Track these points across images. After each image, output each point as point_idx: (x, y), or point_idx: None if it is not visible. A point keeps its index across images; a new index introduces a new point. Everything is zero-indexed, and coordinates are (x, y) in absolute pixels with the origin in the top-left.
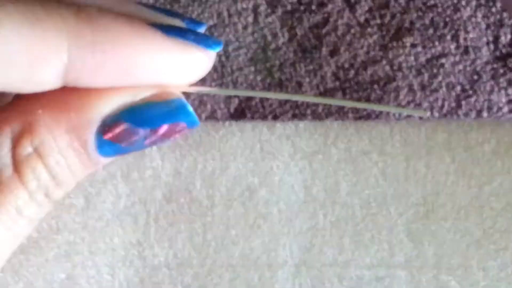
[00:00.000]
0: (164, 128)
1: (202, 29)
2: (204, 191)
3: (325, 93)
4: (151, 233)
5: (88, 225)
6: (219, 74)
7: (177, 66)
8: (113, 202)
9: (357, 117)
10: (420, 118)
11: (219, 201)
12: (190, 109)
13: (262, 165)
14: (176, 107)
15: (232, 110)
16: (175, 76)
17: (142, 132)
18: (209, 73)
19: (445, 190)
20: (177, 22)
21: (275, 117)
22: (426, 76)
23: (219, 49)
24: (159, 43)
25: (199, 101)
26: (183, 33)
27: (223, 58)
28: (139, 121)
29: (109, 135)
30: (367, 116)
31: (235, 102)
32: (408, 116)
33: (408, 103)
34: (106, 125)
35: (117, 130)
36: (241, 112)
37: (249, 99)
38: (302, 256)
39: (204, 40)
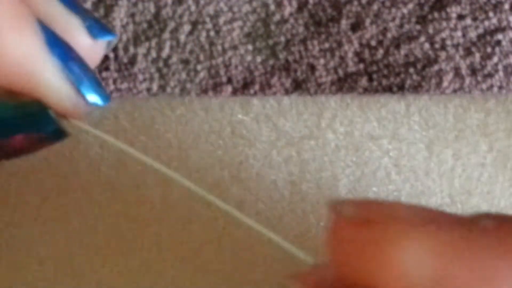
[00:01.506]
0: (18, 138)
1: (108, 39)
2: (158, 188)
3: (346, 78)
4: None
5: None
6: (207, 54)
7: (41, 87)
8: (38, 204)
9: (365, 89)
10: None
11: (177, 202)
12: (53, 116)
13: (234, 154)
14: (34, 113)
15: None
16: (36, 92)
17: None
18: (194, 53)
19: (480, 187)
20: (75, 22)
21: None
22: (477, 56)
23: (102, 104)
24: (30, 46)
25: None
26: (68, 58)
27: (212, 34)
28: None
29: None
30: (384, 88)
31: (220, 74)
32: (438, 86)
33: (454, 91)
34: None
35: None
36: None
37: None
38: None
39: (93, 88)
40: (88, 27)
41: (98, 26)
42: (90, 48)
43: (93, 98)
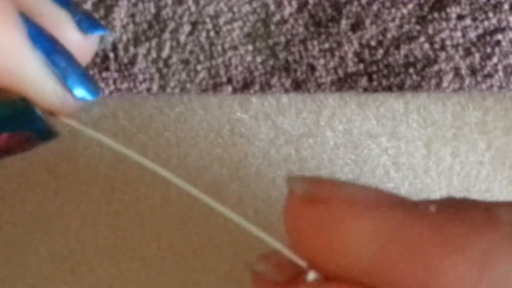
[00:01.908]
0: (3, 138)
1: (99, 34)
2: (156, 187)
3: (346, 78)
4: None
5: None
6: (207, 54)
7: (25, 81)
8: (37, 203)
9: (365, 89)
10: None
11: (176, 200)
12: (40, 113)
13: (233, 152)
14: (19, 111)
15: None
16: (21, 87)
17: None
18: (195, 53)
19: (478, 185)
20: (63, 17)
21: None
22: (477, 56)
23: (91, 98)
24: (11, 39)
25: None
26: (53, 51)
27: (212, 34)
28: None
29: None
30: (384, 88)
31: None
32: (438, 86)
33: (454, 91)
34: None
35: None
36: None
37: (236, 66)
38: None
39: (80, 81)
40: (77, 21)
41: (88, 20)
42: (80, 43)
43: (80, 92)
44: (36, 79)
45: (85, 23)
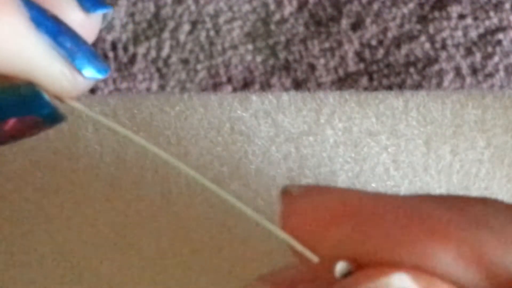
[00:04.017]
0: (10, 122)
1: (102, 12)
2: (157, 185)
3: (346, 78)
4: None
5: None
6: (206, 54)
7: (29, 66)
8: (38, 201)
9: (366, 89)
10: None
11: (176, 199)
12: (46, 97)
13: (234, 150)
14: (25, 96)
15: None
16: (23, 71)
17: None
18: (194, 53)
19: (477, 183)
20: None
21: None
22: (478, 56)
23: (101, 77)
24: (14, 25)
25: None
26: (58, 33)
27: (212, 33)
28: None
29: None
30: (384, 88)
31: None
32: (439, 86)
33: (455, 90)
34: None
35: None
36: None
37: (236, 66)
38: None
39: (88, 61)
40: (79, 0)
41: None
42: (84, 22)
43: (89, 72)
44: (43, 62)
45: (87, 2)
